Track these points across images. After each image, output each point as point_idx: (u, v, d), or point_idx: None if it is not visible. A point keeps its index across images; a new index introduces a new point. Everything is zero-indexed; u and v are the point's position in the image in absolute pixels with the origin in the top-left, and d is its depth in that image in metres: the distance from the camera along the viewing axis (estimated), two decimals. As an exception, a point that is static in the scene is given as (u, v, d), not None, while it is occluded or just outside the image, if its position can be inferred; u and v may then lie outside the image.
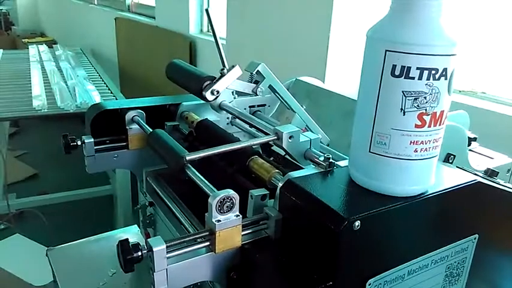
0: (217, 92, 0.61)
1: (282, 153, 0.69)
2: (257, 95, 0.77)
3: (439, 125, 0.50)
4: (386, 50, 0.47)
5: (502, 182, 0.64)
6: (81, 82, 2.53)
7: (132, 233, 1.00)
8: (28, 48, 3.50)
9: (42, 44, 3.63)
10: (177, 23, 2.90)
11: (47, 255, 0.94)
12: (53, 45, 3.65)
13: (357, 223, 0.46)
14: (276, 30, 1.87)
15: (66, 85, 2.45)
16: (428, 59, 0.46)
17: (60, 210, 2.58)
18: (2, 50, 3.35)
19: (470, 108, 1.26)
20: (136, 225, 0.98)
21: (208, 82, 0.61)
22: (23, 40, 5.44)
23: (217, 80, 0.61)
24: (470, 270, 0.63)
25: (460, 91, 1.46)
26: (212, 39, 0.69)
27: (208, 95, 0.61)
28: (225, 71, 0.63)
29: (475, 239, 0.61)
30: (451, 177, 0.58)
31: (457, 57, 0.47)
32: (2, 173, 2.48)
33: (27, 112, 2.13)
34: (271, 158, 0.72)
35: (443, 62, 0.46)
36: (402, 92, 0.47)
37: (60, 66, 2.88)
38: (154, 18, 3.29)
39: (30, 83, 2.50)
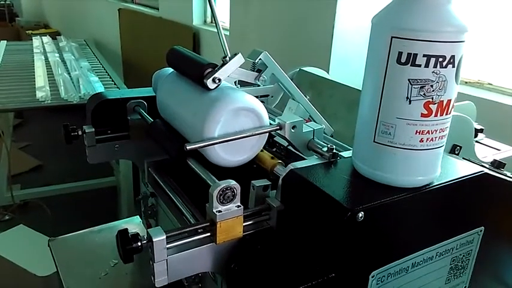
0: (219, 80, 0.60)
1: (285, 143, 0.68)
2: (259, 85, 0.75)
3: (446, 114, 0.48)
4: (392, 37, 0.46)
5: (509, 174, 0.63)
6: (85, 73, 2.52)
7: (134, 224, 1.00)
8: (32, 39, 3.49)
9: (45, 36, 3.62)
10: (180, 14, 2.88)
11: (48, 245, 0.94)
12: (57, 37, 3.64)
13: (361, 214, 0.45)
14: (280, 19, 1.85)
15: (70, 76, 2.45)
16: (435, 45, 0.44)
17: (64, 201, 2.59)
18: (5, 42, 3.34)
19: (476, 99, 1.24)
20: (138, 216, 0.97)
21: (209, 69, 0.60)
22: (27, 31, 5.44)
23: (219, 68, 0.60)
24: (475, 263, 0.62)
25: (466, 82, 1.44)
26: (215, 29, 0.68)
27: (210, 83, 0.59)
28: (227, 58, 0.61)
29: (480, 231, 0.60)
30: (457, 169, 0.57)
31: (465, 44, 0.46)
32: (6, 164, 2.49)
33: (31, 103, 2.13)
34: (274, 149, 0.71)
35: (451, 49, 0.45)
36: (408, 80, 0.46)
37: (64, 58, 2.88)
38: (157, 9, 3.27)
39: (34, 75, 2.49)
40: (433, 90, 0.46)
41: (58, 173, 2.97)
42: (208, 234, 0.51)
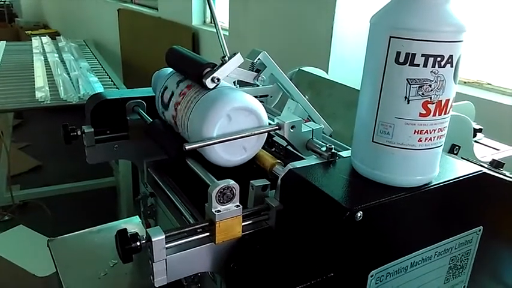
0: (218, 79, 0.60)
1: (284, 143, 0.68)
2: (258, 85, 0.75)
3: (444, 114, 0.48)
4: (390, 37, 0.46)
5: (507, 174, 0.63)
6: (84, 74, 2.52)
7: (133, 224, 1.00)
8: (31, 40, 3.49)
9: (45, 36, 3.62)
10: (180, 14, 2.89)
11: (48, 245, 0.94)
12: (56, 37, 3.64)
13: (359, 214, 0.45)
14: (279, 19, 1.85)
15: (69, 77, 2.45)
16: (434, 45, 0.44)
17: (64, 201, 2.59)
18: (5, 42, 3.34)
19: (475, 99, 1.25)
20: (137, 216, 0.97)
21: (208, 69, 0.60)
22: (26, 32, 5.44)
23: (218, 67, 0.60)
24: (474, 262, 0.62)
25: (465, 82, 1.44)
26: (215, 30, 0.68)
27: (209, 83, 0.59)
28: (226, 58, 0.62)
29: (479, 231, 0.60)
30: (456, 168, 0.57)
31: (463, 43, 0.46)
32: (6, 165, 2.49)
33: (30, 104, 2.13)
34: (273, 149, 0.72)
35: (449, 49, 0.45)
36: (406, 79, 0.46)
37: (63, 58, 2.88)
38: (157, 9, 3.27)
39: (34, 75, 2.49)
40: (431, 90, 0.46)
41: (57, 173, 2.97)
42: (207, 234, 0.51)
